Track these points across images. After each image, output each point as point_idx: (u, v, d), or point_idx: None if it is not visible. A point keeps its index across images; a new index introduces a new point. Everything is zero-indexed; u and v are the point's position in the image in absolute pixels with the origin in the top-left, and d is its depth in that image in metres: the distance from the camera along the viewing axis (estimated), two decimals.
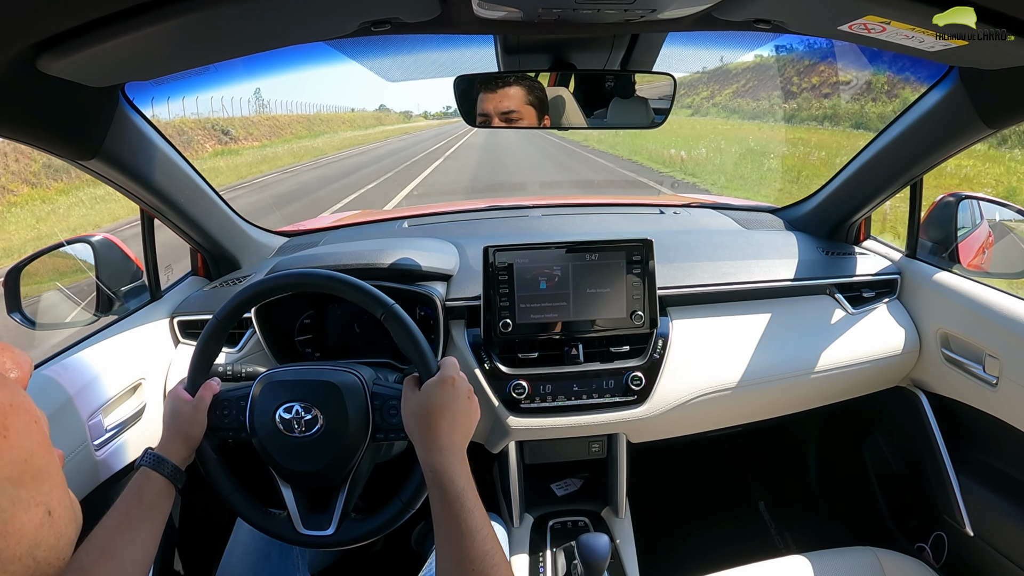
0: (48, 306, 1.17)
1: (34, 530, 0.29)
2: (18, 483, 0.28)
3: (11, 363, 0.32)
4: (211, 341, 0.83)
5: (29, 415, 0.30)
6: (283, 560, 0.99)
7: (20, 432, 0.29)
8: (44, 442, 0.31)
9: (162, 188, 1.04)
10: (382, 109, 62.64)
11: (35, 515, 0.29)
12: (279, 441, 0.79)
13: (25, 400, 0.30)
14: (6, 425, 0.28)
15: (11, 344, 0.34)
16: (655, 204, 1.70)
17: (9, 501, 0.27)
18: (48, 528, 0.30)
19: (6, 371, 0.31)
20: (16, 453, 0.28)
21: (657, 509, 1.59)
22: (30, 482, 0.29)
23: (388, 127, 45.89)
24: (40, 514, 0.29)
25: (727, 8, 0.75)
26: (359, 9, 0.71)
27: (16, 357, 0.32)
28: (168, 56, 0.73)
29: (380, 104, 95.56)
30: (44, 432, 0.31)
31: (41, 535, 0.29)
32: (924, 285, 1.22)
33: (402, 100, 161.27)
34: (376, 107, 64.73)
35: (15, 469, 0.28)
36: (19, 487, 0.28)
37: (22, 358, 0.33)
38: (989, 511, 1.11)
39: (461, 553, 0.62)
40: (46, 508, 0.30)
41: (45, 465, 0.30)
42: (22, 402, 0.30)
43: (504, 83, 0.99)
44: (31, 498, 0.29)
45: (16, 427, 0.28)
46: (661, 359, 1.12)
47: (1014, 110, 0.88)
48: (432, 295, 1.11)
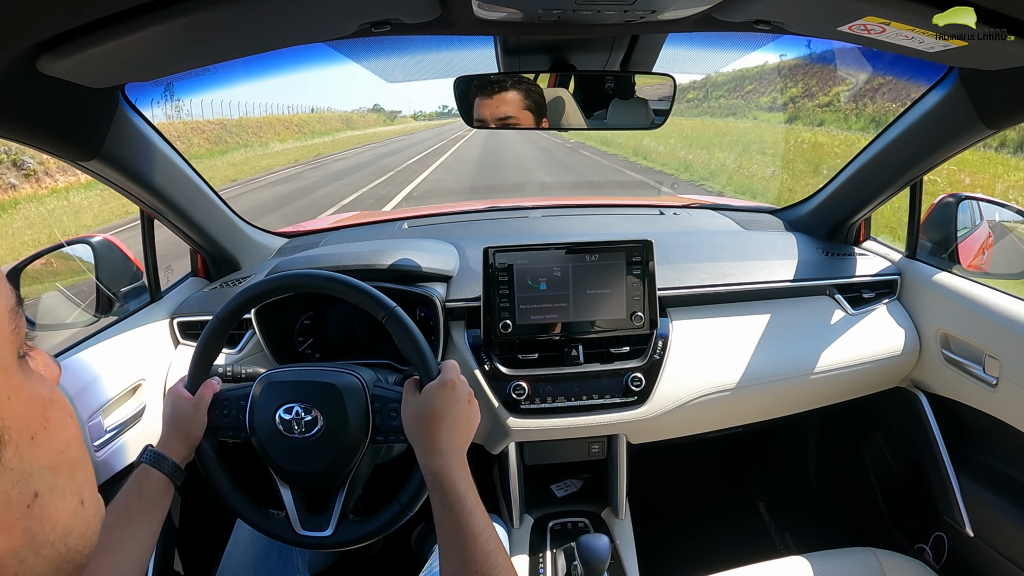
0: (48, 307, 1.17)
1: (68, 517, 0.30)
2: (56, 472, 0.30)
3: (43, 367, 0.34)
4: (211, 341, 0.83)
5: (66, 410, 0.32)
6: (283, 561, 0.99)
7: (58, 425, 0.31)
8: (78, 436, 0.33)
9: (162, 189, 1.04)
10: (360, 111, 52.17)
11: (70, 503, 0.31)
12: (279, 442, 0.79)
13: (62, 395, 0.32)
14: (47, 417, 0.30)
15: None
16: (655, 205, 1.71)
17: (48, 488, 0.29)
18: (80, 517, 0.31)
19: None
20: (55, 444, 0.30)
21: (657, 510, 1.59)
22: (66, 471, 0.31)
23: (356, 131, 36.24)
24: (74, 503, 0.31)
25: (727, 9, 0.75)
26: (359, 10, 0.71)
27: (47, 362, 0.34)
28: (168, 57, 0.73)
29: (374, 104, 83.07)
30: (78, 427, 0.33)
31: (74, 523, 0.31)
32: (924, 286, 1.22)
33: (394, 99, 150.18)
34: (353, 108, 56.17)
35: (53, 459, 0.30)
36: (56, 476, 0.30)
37: (52, 364, 0.35)
38: (989, 512, 1.11)
39: (464, 555, 0.62)
40: (79, 498, 0.32)
41: (80, 457, 0.32)
42: (59, 397, 0.32)
43: (504, 84, 0.99)
44: (67, 487, 0.31)
45: (55, 420, 0.30)
46: (661, 360, 1.12)
47: (1014, 111, 0.88)
48: (432, 296, 1.11)
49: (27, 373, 0.30)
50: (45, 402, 0.30)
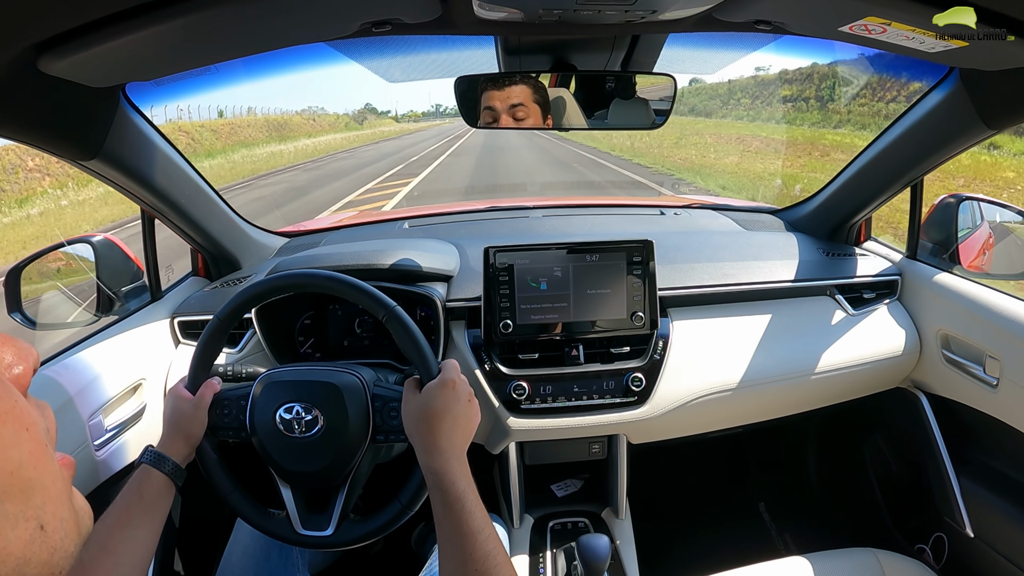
0: (49, 306, 1.17)
1: (22, 547, 0.26)
2: (5, 496, 0.26)
3: (13, 357, 0.30)
4: (212, 341, 0.83)
5: (19, 423, 0.27)
6: (283, 560, 0.99)
7: (8, 441, 0.26)
8: (36, 451, 0.28)
9: (163, 188, 1.04)
10: (309, 111, 35.69)
11: (23, 531, 0.26)
12: (279, 441, 0.79)
13: (16, 405, 0.27)
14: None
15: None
16: (655, 205, 1.71)
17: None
18: (40, 544, 0.27)
19: (8, 367, 0.29)
20: (2, 464, 0.26)
21: (657, 510, 1.59)
22: (18, 495, 0.26)
23: (286, 145, 21.53)
24: (30, 529, 0.27)
25: (727, 9, 0.75)
26: (360, 10, 0.71)
27: (20, 350, 0.30)
28: (169, 56, 0.73)
29: (366, 103, 67.11)
30: (38, 439, 0.28)
31: (31, 552, 0.27)
32: (924, 286, 1.22)
33: (382, 97, 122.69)
34: (304, 107, 40.31)
35: (0, 481, 0.26)
36: (5, 501, 0.26)
37: (26, 351, 0.30)
38: (989, 512, 1.11)
39: (464, 554, 0.62)
40: (37, 522, 0.27)
41: (37, 476, 0.28)
42: (11, 408, 0.27)
43: (505, 84, 0.99)
44: (19, 512, 0.26)
45: (2, 436, 0.26)
46: (661, 360, 1.12)
47: (1014, 111, 0.88)
48: (432, 296, 1.11)
49: None
50: None
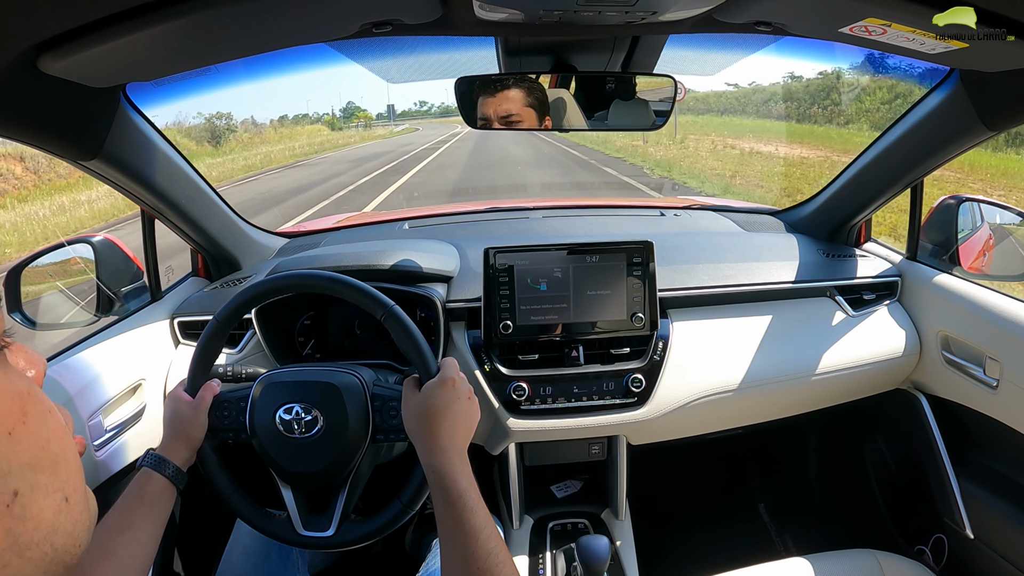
0: (48, 306, 1.17)
1: (52, 516, 0.29)
2: (37, 468, 0.29)
3: (25, 362, 0.33)
4: (211, 342, 0.83)
5: (45, 405, 0.31)
6: (283, 561, 0.99)
7: (37, 420, 0.30)
8: (60, 430, 0.31)
9: (163, 189, 1.04)
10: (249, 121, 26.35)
11: (53, 501, 0.29)
12: (279, 442, 0.79)
13: (39, 391, 0.31)
14: (25, 411, 0.29)
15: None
16: (655, 206, 1.70)
17: (28, 486, 0.28)
18: (66, 515, 0.30)
19: (22, 371, 0.32)
20: (34, 439, 0.29)
21: (657, 511, 1.59)
22: (48, 468, 0.30)
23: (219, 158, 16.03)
24: (58, 500, 0.30)
25: (728, 10, 0.75)
26: (360, 10, 0.71)
27: (31, 357, 0.33)
28: (170, 57, 0.73)
29: (349, 102, 56.65)
30: (60, 421, 0.32)
31: (59, 521, 0.30)
32: (924, 287, 1.22)
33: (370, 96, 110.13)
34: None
35: (34, 455, 0.29)
36: (38, 472, 0.29)
37: (36, 357, 0.34)
38: (989, 514, 1.11)
39: (465, 552, 0.62)
40: (63, 494, 0.30)
41: (62, 452, 0.31)
42: (36, 392, 0.31)
43: (505, 84, 0.99)
44: (49, 484, 0.29)
45: (34, 414, 0.29)
46: (661, 361, 1.12)
47: (1015, 112, 0.88)
48: (432, 296, 1.11)
49: (3, 367, 0.29)
50: (23, 396, 0.29)
